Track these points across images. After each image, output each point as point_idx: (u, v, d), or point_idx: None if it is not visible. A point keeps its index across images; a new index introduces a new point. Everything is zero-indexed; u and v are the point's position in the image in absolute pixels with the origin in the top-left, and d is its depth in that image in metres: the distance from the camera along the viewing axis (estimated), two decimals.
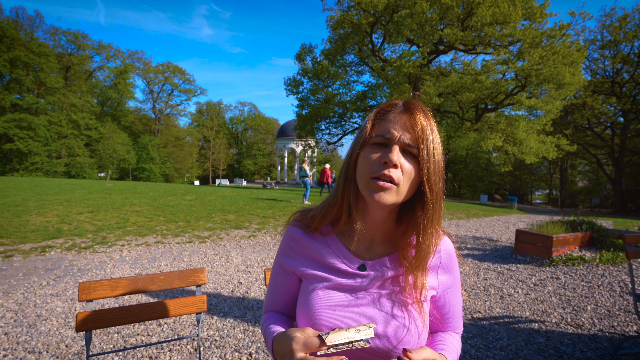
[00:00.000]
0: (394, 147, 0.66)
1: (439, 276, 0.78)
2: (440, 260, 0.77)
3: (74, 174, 38.27)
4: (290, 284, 0.83)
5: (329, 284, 0.74)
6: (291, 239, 0.82)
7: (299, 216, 0.86)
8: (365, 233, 0.76)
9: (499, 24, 16.61)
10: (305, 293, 0.76)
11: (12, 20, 36.23)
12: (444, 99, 20.93)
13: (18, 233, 5.98)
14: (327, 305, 0.72)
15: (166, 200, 10.66)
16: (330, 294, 0.73)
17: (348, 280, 0.74)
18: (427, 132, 0.67)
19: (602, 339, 2.82)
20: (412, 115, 0.68)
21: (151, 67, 51.10)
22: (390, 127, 0.68)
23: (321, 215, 0.78)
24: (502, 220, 11.59)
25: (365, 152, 0.69)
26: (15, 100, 34.20)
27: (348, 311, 0.72)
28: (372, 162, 0.67)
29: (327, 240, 0.79)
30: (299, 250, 0.81)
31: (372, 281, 0.74)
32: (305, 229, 0.81)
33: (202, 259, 5.23)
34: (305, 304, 0.74)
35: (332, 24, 20.23)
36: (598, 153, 29.38)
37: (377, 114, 0.72)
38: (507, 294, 3.94)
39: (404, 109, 0.70)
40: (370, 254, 0.77)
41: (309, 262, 0.79)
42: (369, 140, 0.70)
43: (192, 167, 54.94)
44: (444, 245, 0.78)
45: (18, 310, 3.21)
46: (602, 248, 5.75)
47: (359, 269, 0.75)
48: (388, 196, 0.66)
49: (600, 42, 25.27)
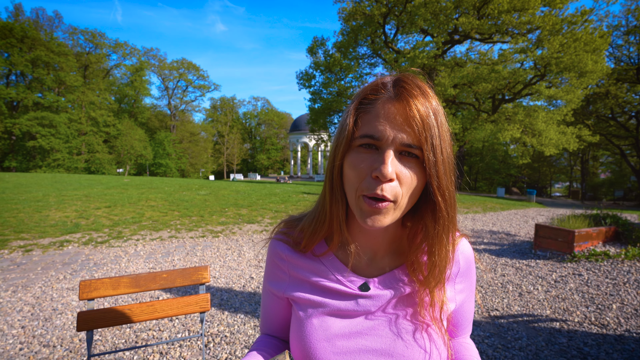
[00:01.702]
0: (386, 153, 0.50)
1: (456, 285, 0.66)
2: (459, 269, 0.65)
3: (94, 169, 39.34)
4: (281, 309, 0.71)
5: (325, 309, 0.61)
6: (276, 256, 0.68)
7: (283, 228, 0.71)
8: (366, 245, 0.63)
9: (516, 11, 16.05)
10: (297, 322, 0.63)
11: (33, 21, 37.26)
12: (460, 90, 20.47)
13: (38, 228, 6.14)
14: (325, 337, 0.59)
15: (181, 195, 10.79)
16: (327, 322, 0.60)
17: (348, 304, 0.61)
18: (431, 123, 0.50)
19: (630, 340, 2.67)
20: (407, 104, 0.50)
21: (166, 64, 51.80)
22: (378, 124, 0.51)
23: (311, 232, 0.63)
24: (520, 214, 11.28)
25: (351, 160, 0.53)
26: (37, 99, 35.28)
27: (351, 342, 0.59)
28: (360, 175, 0.52)
29: (320, 258, 0.65)
30: (286, 269, 0.67)
31: (377, 302, 0.60)
32: (293, 246, 0.67)
33: (214, 253, 5.25)
34: (298, 335, 0.62)
35: (344, 15, 19.99)
36: (622, 144, 28.24)
37: (360, 104, 0.55)
38: (526, 290, 3.80)
39: (395, 95, 0.52)
40: (373, 268, 0.63)
41: (300, 284, 0.65)
42: (353, 142, 0.54)
43: (207, 162, 55.67)
44: (462, 250, 0.65)
45: (35, 304, 3.27)
46: (628, 243, 5.50)
47: (360, 289, 0.61)
48: (383, 218, 0.52)
49: (624, 28, 24.11)
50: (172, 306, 1.30)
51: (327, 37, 32.62)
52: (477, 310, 3.24)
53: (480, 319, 3.06)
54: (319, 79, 22.38)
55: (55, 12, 53.62)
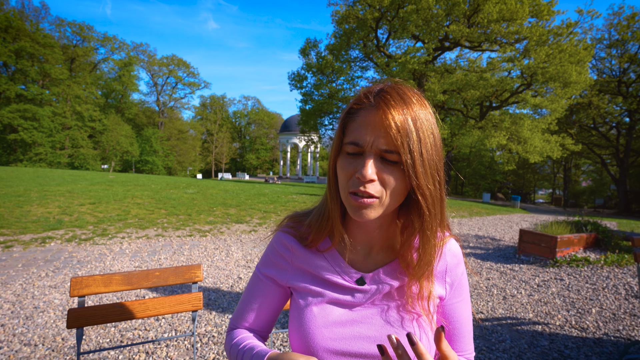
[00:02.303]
0: (367, 158, 0.56)
1: (446, 283, 0.70)
2: (447, 265, 0.70)
3: (77, 165, 38.40)
4: (274, 298, 0.74)
5: (325, 299, 0.67)
6: (282, 246, 0.73)
7: (290, 222, 0.76)
8: (363, 241, 0.69)
9: (505, 20, 16.40)
10: (297, 310, 0.69)
11: (18, 11, 36.17)
12: (449, 96, 20.77)
13: (19, 223, 5.97)
14: (324, 323, 0.65)
15: (168, 193, 10.65)
16: (326, 310, 0.66)
17: (346, 296, 0.67)
18: (408, 129, 0.54)
19: (607, 343, 2.76)
20: (384, 112, 0.55)
21: (156, 59, 50.97)
22: (360, 132, 0.57)
23: (317, 228, 0.69)
24: (505, 219, 11.51)
25: (341, 163, 0.60)
26: (20, 91, 34.24)
27: (346, 329, 0.65)
28: (347, 176, 0.59)
29: (323, 253, 0.71)
30: (289, 259, 0.72)
31: (372, 295, 0.66)
32: (300, 240, 0.72)
33: (202, 252, 5.20)
34: (298, 323, 0.67)
35: (337, 18, 20.05)
36: (603, 153, 29.13)
37: (348, 113, 0.61)
38: (510, 294, 3.88)
39: (375, 105, 0.57)
40: (369, 263, 0.69)
41: (302, 275, 0.71)
42: (342, 148, 0.61)
43: (194, 160, 55.01)
44: (450, 248, 0.71)
45: (16, 302, 3.19)
46: (607, 249, 5.68)
47: (357, 282, 0.67)
48: (370, 212, 0.58)
49: (607, 41, 24.92)
50: (164, 304, 1.29)
51: (320, 39, 32.62)
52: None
53: None
54: (311, 81, 22.38)
55: (42, 2, 52.20)
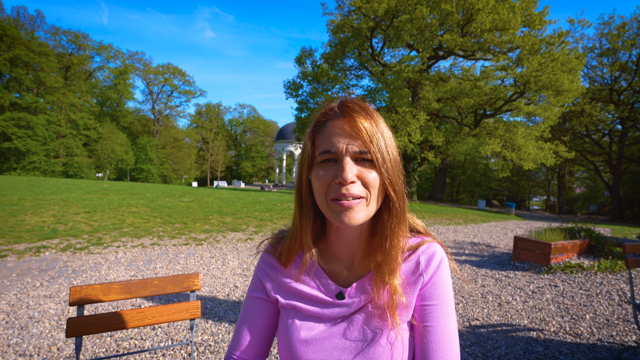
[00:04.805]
0: (344, 161, 0.58)
1: (418, 285, 0.67)
2: (420, 268, 0.67)
3: (72, 173, 38.16)
4: (265, 315, 0.75)
5: (306, 314, 0.70)
6: (266, 264, 0.76)
7: (272, 242, 0.79)
8: (344, 253, 0.71)
9: (498, 30, 16.72)
10: (283, 325, 0.71)
11: (13, 20, 36.28)
12: (443, 104, 21.02)
13: (13, 233, 5.92)
14: (305, 338, 0.67)
15: (163, 202, 10.61)
16: (308, 325, 0.68)
17: (326, 310, 0.69)
18: (374, 131, 0.59)
19: (601, 349, 2.79)
20: (352, 119, 0.60)
21: (151, 68, 51.14)
22: (332, 140, 0.60)
23: (287, 249, 0.72)
24: (500, 226, 11.58)
25: (315, 173, 0.62)
26: (15, 99, 34.15)
27: (326, 342, 0.66)
28: (325, 184, 0.60)
29: (306, 269, 0.72)
30: (274, 276, 0.74)
31: (350, 309, 0.68)
32: (279, 259, 0.75)
33: (198, 261, 5.19)
34: (284, 338, 0.69)
35: (333, 28, 20.32)
36: (596, 160, 29.51)
37: (315, 127, 0.64)
38: (505, 301, 3.91)
39: (341, 114, 0.62)
40: (351, 275, 0.71)
41: (285, 291, 0.73)
42: (315, 160, 0.63)
43: (190, 168, 54.85)
44: (425, 251, 0.68)
45: (10, 312, 3.16)
46: (601, 256, 5.74)
47: (337, 297, 0.69)
48: (357, 214, 0.59)
49: (598, 50, 25.48)
50: (162, 313, 1.31)
51: (315, 48, 33.08)
52: (458, 320, 3.31)
53: (461, 329, 3.13)
54: (307, 89, 22.58)
55: (38, 11, 52.44)
